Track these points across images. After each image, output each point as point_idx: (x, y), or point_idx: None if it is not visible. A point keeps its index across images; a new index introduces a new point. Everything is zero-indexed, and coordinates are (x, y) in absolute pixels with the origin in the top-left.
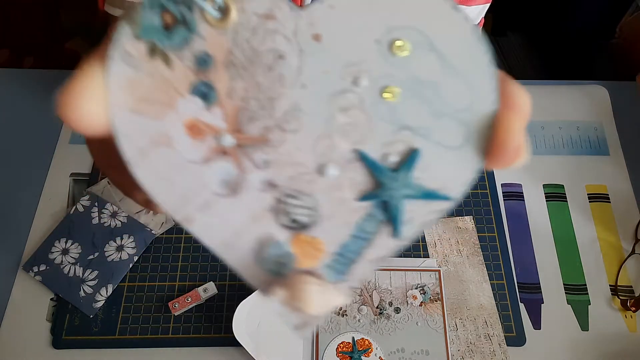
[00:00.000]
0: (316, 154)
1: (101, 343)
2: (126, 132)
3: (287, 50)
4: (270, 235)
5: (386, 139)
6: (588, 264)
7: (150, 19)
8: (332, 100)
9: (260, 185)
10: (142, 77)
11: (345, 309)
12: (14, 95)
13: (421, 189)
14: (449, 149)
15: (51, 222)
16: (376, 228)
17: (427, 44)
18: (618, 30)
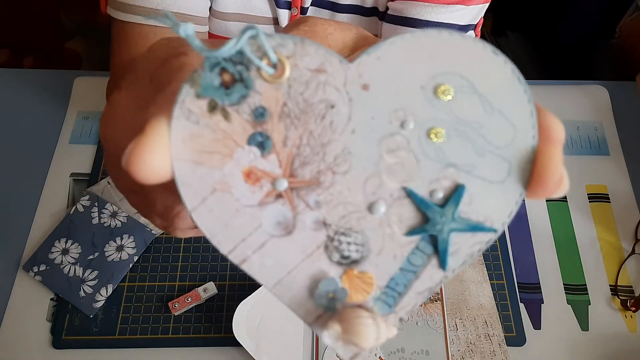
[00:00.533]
0: (366, 193)
1: (101, 343)
2: (187, 181)
3: (338, 100)
4: (323, 271)
5: (432, 177)
6: (588, 264)
7: (210, 80)
8: (381, 143)
9: (312, 225)
10: (203, 131)
11: None
12: (14, 95)
13: (467, 222)
14: (493, 184)
15: (51, 222)
16: (424, 261)
17: (469, 87)
18: (618, 30)
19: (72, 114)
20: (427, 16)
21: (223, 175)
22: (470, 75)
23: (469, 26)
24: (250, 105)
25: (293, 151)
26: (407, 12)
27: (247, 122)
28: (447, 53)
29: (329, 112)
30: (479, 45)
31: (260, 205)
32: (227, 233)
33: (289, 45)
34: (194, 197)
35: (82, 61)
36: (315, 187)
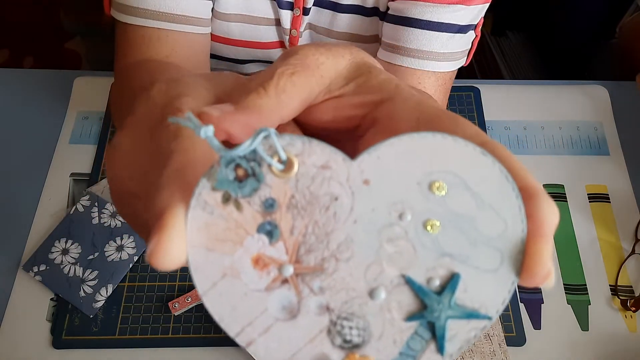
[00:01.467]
0: (367, 280)
1: (101, 343)
2: (200, 267)
3: (341, 193)
4: (325, 355)
5: (429, 265)
6: (588, 264)
7: (226, 174)
8: (381, 233)
9: (316, 310)
10: (217, 221)
11: None
12: (14, 95)
13: (463, 310)
14: (486, 272)
15: (51, 222)
16: (422, 346)
17: (461, 184)
18: (618, 30)
19: (72, 114)
20: (428, 16)
21: (233, 262)
22: (462, 173)
23: (469, 26)
24: (260, 197)
25: (299, 239)
26: (408, 12)
27: (258, 213)
28: (440, 153)
29: (333, 204)
30: (470, 146)
31: (267, 290)
32: (235, 316)
33: (298, 144)
34: (205, 282)
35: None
36: (319, 273)
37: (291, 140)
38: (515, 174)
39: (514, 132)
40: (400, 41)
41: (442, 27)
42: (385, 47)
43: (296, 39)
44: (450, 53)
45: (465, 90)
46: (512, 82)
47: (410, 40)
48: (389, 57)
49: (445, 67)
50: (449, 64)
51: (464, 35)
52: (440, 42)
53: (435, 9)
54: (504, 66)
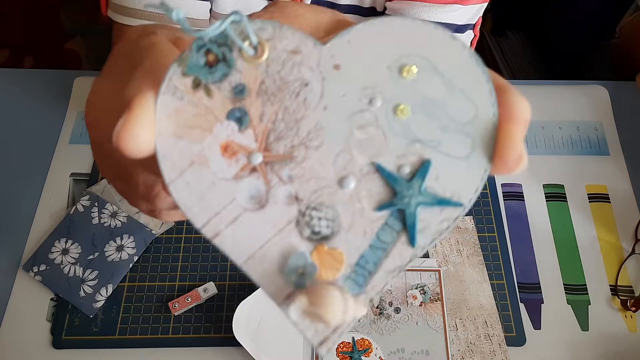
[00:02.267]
0: (336, 168)
1: (101, 343)
2: (168, 155)
3: (311, 78)
4: (294, 247)
5: (400, 152)
6: (588, 264)
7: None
8: (351, 119)
9: (285, 199)
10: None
11: None
12: (14, 95)
13: (434, 196)
14: (458, 159)
15: (51, 222)
16: (393, 238)
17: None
18: (618, 30)
19: (72, 114)
20: (425, 16)
21: (202, 149)
22: (432, 57)
23: (467, 26)
24: (230, 83)
25: (269, 126)
26: (405, 12)
27: (227, 99)
28: (410, 37)
29: (303, 90)
30: (439, 30)
31: (236, 178)
32: (202, 206)
33: (269, 29)
34: (172, 170)
35: (82, 61)
36: (288, 161)
37: (262, 25)
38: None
39: None
40: None
41: None
42: None
43: None
44: None
45: None
46: (512, 82)
47: None
48: None
49: None
50: None
51: (462, 35)
52: None
53: (432, 8)
54: (504, 66)
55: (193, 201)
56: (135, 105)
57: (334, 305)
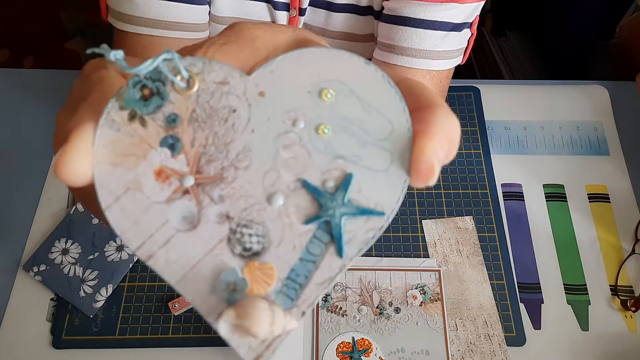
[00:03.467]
0: (265, 186)
1: (101, 343)
2: (105, 182)
3: (238, 105)
4: (225, 264)
5: (323, 168)
6: (588, 264)
7: (133, 94)
8: (276, 140)
9: (216, 218)
10: (123, 137)
11: (345, 309)
12: (14, 95)
13: (357, 206)
14: (378, 172)
15: (51, 222)
16: (322, 250)
17: (347, 90)
18: (618, 30)
19: None
20: (421, 14)
21: (137, 175)
22: (348, 81)
23: (464, 24)
24: (164, 113)
25: (200, 150)
26: (402, 10)
27: (161, 127)
28: (328, 64)
29: (231, 116)
30: (354, 57)
31: (168, 201)
32: (136, 230)
33: (199, 64)
34: (109, 197)
35: (82, 61)
36: (219, 182)
37: (193, 61)
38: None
39: (514, 132)
40: (394, 40)
41: (436, 25)
42: (380, 47)
43: None
44: (445, 51)
45: (465, 90)
46: (512, 82)
47: (404, 39)
48: (384, 56)
49: (440, 65)
50: (444, 62)
51: (459, 34)
52: (434, 40)
53: (429, 7)
54: (504, 66)
55: (127, 226)
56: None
57: (260, 316)
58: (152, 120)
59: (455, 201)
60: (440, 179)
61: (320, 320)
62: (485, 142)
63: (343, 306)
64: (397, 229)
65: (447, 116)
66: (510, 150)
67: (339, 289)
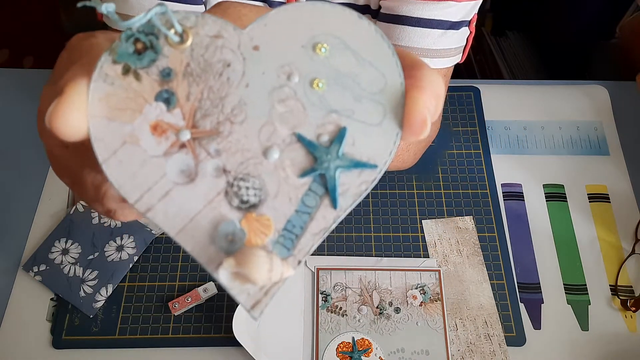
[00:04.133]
0: (261, 140)
1: (101, 343)
2: (100, 136)
3: (233, 59)
4: (223, 216)
5: (318, 122)
6: (588, 264)
7: (126, 48)
8: (272, 94)
9: (213, 172)
10: (117, 91)
11: (345, 309)
12: (14, 95)
13: (351, 160)
14: (372, 126)
15: (51, 222)
16: (317, 202)
17: (342, 44)
18: (618, 30)
19: None
20: (419, 13)
21: (133, 129)
22: (342, 35)
23: (462, 22)
24: (158, 67)
25: (195, 105)
26: (399, 9)
27: (155, 82)
28: (322, 19)
29: (226, 70)
30: (347, 11)
31: (165, 155)
32: (134, 183)
33: (192, 18)
34: (105, 150)
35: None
36: (215, 136)
37: (185, 15)
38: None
39: (514, 132)
40: (392, 39)
41: (433, 24)
42: None
43: None
44: (443, 49)
45: (465, 90)
46: (512, 82)
47: (402, 38)
48: None
49: (439, 63)
50: (443, 60)
51: (457, 32)
52: (432, 39)
53: (426, 6)
54: (504, 66)
55: (125, 179)
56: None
57: (259, 263)
58: (147, 74)
59: (455, 201)
60: (440, 179)
61: (320, 320)
62: (485, 142)
63: (343, 306)
64: (397, 229)
65: (433, 72)
66: (510, 150)
67: (339, 289)
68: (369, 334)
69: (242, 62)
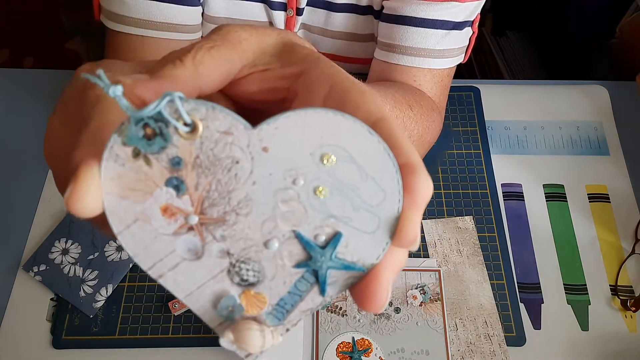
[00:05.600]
0: (263, 232)
1: (101, 343)
2: (114, 211)
3: (242, 157)
4: (225, 290)
5: (317, 224)
6: (588, 264)
7: (135, 132)
8: (276, 194)
9: (218, 253)
10: (128, 172)
11: (345, 309)
12: (14, 95)
13: (342, 262)
14: (365, 233)
15: (51, 222)
16: (307, 288)
17: (348, 157)
18: (618, 30)
19: None
20: (422, 14)
21: (144, 209)
22: (350, 148)
23: (465, 23)
24: (168, 155)
25: (203, 194)
26: (402, 10)
27: (165, 169)
28: (331, 128)
29: (234, 166)
30: (358, 124)
31: (175, 235)
32: (147, 254)
33: (202, 110)
34: (119, 224)
35: (82, 61)
36: (221, 224)
37: (196, 106)
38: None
39: (514, 132)
40: (395, 40)
41: (437, 24)
42: (381, 47)
43: None
44: (447, 50)
45: (465, 90)
46: (512, 82)
47: (405, 38)
48: (385, 56)
49: (442, 64)
50: (446, 60)
51: (460, 32)
52: (435, 39)
53: (429, 6)
54: (504, 66)
55: (139, 249)
56: (81, 174)
57: (253, 337)
58: (157, 160)
59: (455, 201)
60: (440, 179)
61: (320, 320)
62: (485, 142)
63: (343, 306)
64: None
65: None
66: (510, 150)
67: None
68: (369, 334)
69: (250, 161)
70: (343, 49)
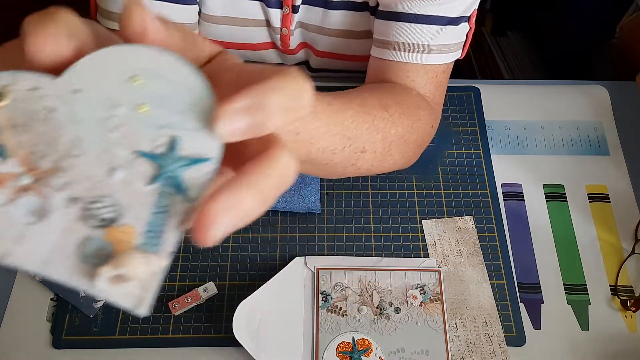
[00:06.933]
0: (103, 165)
1: (101, 343)
2: None
3: (56, 104)
4: (86, 237)
5: (152, 137)
6: (588, 264)
7: None
8: (103, 126)
9: (63, 203)
10: None
11: (345, 309)
12: None
13: (188, 158)
14: (195, 130)
15: None
16: (170, 201)
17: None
18: (618, 30)
19: None
20: (417, 10)
21: None
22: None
23: (461, 18)
24: None
25: (29, 150)
26: (397, 6)
27: None
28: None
29: (51, 114)
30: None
31: (10, 202)
32: None
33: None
34: None
35: None
36: (58, 172)
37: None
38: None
39: (514, 132)
40: (389, 36)
41: (431, 20)
42: (376, 44)
43: (287, 37)
44: (442, 45)
45: (465, 90)
46: (512, 82)
47: (399, 35)
48: (380, 53)
49: (437, 59)
50: (440, 56)
51: (456, 27)
52: (430, 35)
53: (424, 2)
54: (504, 66)
55: None
56: None
57: (135, 258)
58: None
59: (455, 201)
60: (440, 179)
61: (320, 320)
62: (485, 142)
63: (343, 306)
64: (397, 229)
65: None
66: (510, 150)
67: (339, 289)
68: (369, 334)
69: (66, 105)
70: (340, 46)
